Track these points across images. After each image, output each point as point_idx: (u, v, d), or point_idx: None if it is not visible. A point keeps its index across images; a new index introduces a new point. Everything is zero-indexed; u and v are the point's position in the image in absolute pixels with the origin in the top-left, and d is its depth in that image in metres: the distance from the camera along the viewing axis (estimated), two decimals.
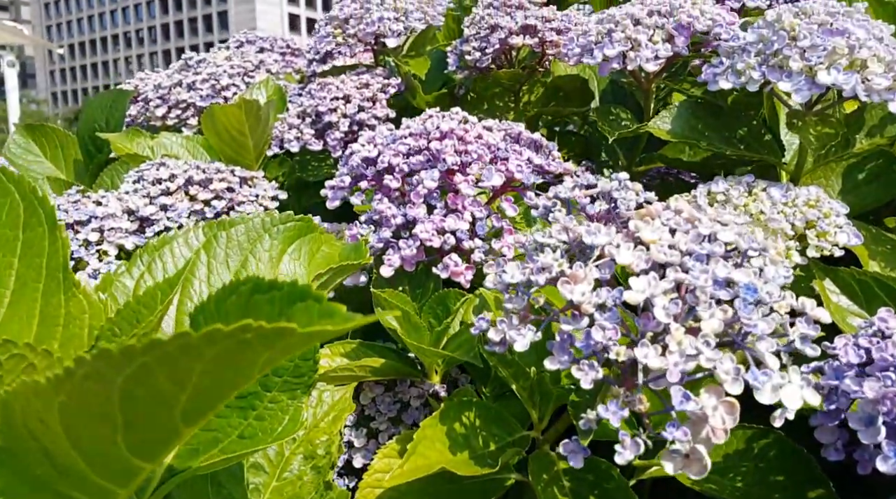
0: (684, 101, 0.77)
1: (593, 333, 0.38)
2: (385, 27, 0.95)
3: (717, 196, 0.67)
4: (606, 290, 0.39)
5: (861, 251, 0.67)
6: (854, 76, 0.61)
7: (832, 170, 0.83)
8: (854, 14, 0.65)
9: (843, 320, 0.62)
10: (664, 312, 0.37)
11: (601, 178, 0.50)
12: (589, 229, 0.42)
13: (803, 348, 0.41)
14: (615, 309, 0.39)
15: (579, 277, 0.40)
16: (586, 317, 0.39)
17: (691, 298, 0.39)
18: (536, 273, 0.41)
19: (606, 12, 0.78)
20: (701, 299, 0.39)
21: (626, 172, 0.96)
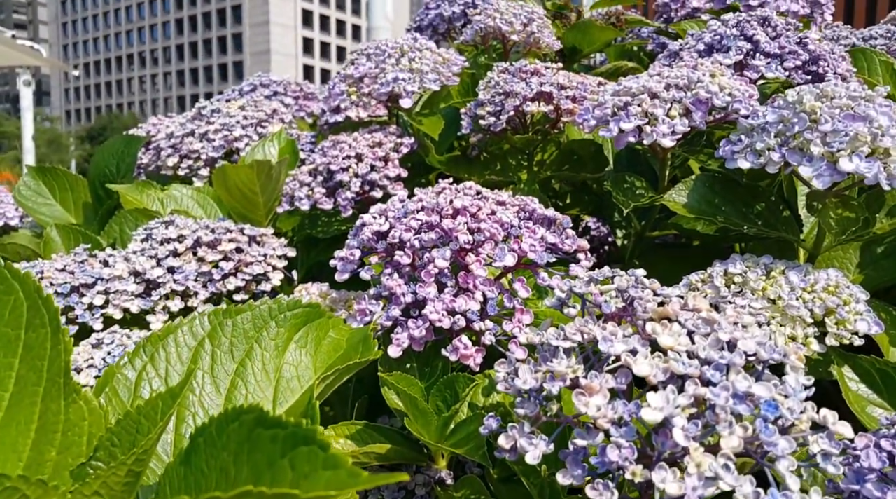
0: (701, 174, 0.76)
1: (608, 451, 0.36)
2: (400, 88, 0.95)
3: (734, 277, 0.66)
4: (623, 403, 0.38)
5: (882, 339, 0.65)
6: (877, 164, 0.59)
7: (851, 243, 0.82)
8: (876, 99, 0.64)
9: (862, 410, 0.60)
10: (683, 434, 0.36)
11: (618, 273, 0.49)
12: (605, 335, 0.41)
13: (825, 467, 0.39)
14: (632, 425, 0.37)
15: (594, 388, 0.38)
16: (601, 432, 0.37)
17: (710, 416, 0.37)
18: (550, 381, 0.40)
19: (623, 83, 0.78)
20: (721, 417, 0.37)
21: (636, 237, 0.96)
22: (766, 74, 0.85)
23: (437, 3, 1.54)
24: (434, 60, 1.00)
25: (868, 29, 1.09)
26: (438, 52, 1.02)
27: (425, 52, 1.01)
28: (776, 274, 0.65)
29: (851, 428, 0.41)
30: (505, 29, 1.09)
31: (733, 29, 0.89)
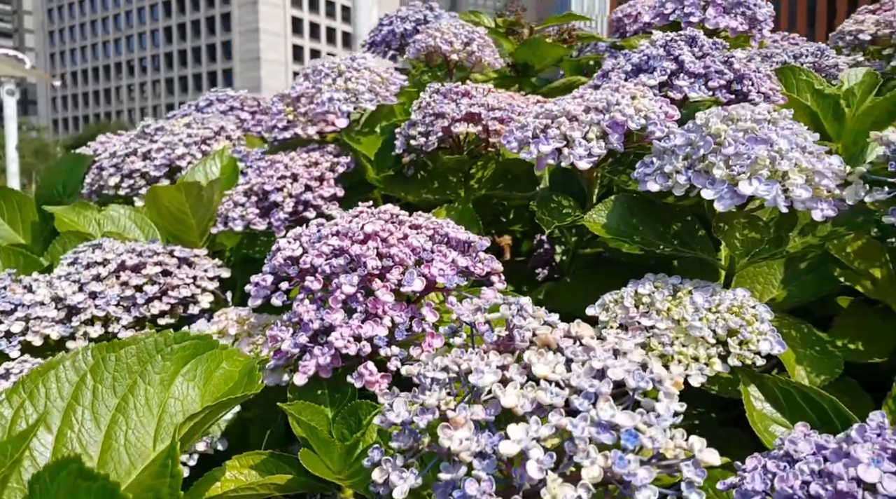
0: (620, 195, 0.77)
1: (467, 485, 0.37)
2: (335, 107, 0.96)
3: (642, 298, 0.67)
4: (488, 435, 0.39)
5: (787, 357, 0.67)
6: (775, 186, 0.61)
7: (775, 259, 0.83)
8: (780, 121, 0.66)
9: (765, 429, 0.61)
10: (536, 467, 0.36)
11: (507, 300, 0.49)
12: (477, 366, 0.41)
13: (689, 495, 0.40)
14: (493, 457, 0.38)
15: (459, 421, 0.39)
16: (464, 465, 0.38)
17: (569, 446, 0.38)
18: (420, 414, 0.40)
19: (546, 106, 0.79)
20: (580, 447, 0.38)
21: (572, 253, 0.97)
22: (690, 94, 0.87)
23: (391, 20, 1.55)
24: (371, 80, 1.00)
25: (800, 46, 1.11)
26: (377, 72, 1.02)
27: (363, 72, 1.01)
28: (682, 294, 0.66)
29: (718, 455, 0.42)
30: (445, 48, 1.10)
31: (660, 49, 0.91)
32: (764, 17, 1.25)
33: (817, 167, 0.61)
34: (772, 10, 1.29)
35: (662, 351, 0.62)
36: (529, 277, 1.17)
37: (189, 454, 0.65)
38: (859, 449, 0.46)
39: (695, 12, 1.23)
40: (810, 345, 0.69)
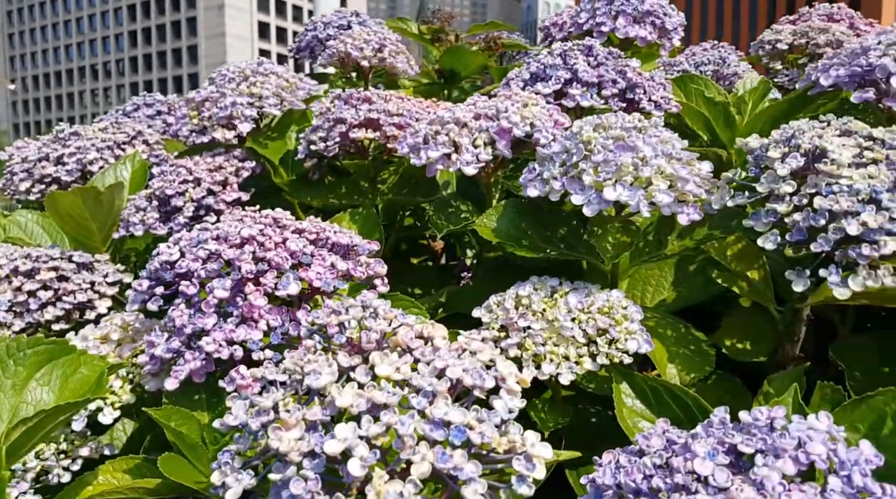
0: (510, 200, 0.79)
1: (292, 485, 0.38)
2: (238, 112, 0.96)
3: (522, 300, 0.69)
4: (319, 436, 0.39)
5: (660, 355, 0.69)
6: (638, 192, 0.63)
7: (665, 261, 0.86)
8: (648, 129, 0.68)
9: (633, 426, 0.64)
10: (359, 465, 0.37)
11: (363, 302, 0.50)
12: (314, 368, 0.42)
13: (519, 488, 0.42)
14: (323, 457, 0.39)
15: (289, 423, 0.39)
16: (293, 465, 0.39)
17: (398, 444, 0.39)
18: (255, 417, 0.41)
19: (438, 113, 0.81)
20: (407, 444, 0.39)
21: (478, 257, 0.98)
22: (582, 103, 0.90)
23: (314, 26, 1.55)
24: (278, 85, 1.00)
25: (702, 55, 1.16)
26: (285, 77, 1.03)
27: (270, 76, 1.02)
28: (559, 296, 0.68)
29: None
30: (355, 54, 1.11)
31: (557, 58, 0.93)
32: (673, 27, 1.29)
33: (680, 173, 0.64)
34: (682, 19, 1.33)
35: (536, 351, 0.64)
36: (456, 280, 1.19)
37: (72, 460, 0.64)
38: (697, 444, 0.48)
39: (606, 22, 1.27)
40: (685, 344, 0.72)
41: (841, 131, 0.64)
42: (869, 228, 0.55)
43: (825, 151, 0.60)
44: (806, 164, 0.61)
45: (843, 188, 0.57)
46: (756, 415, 0.49)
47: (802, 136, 0.62)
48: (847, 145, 0.61)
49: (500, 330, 0.68)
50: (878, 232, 0.55)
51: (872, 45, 0.73)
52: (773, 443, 0.46)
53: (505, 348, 0.66)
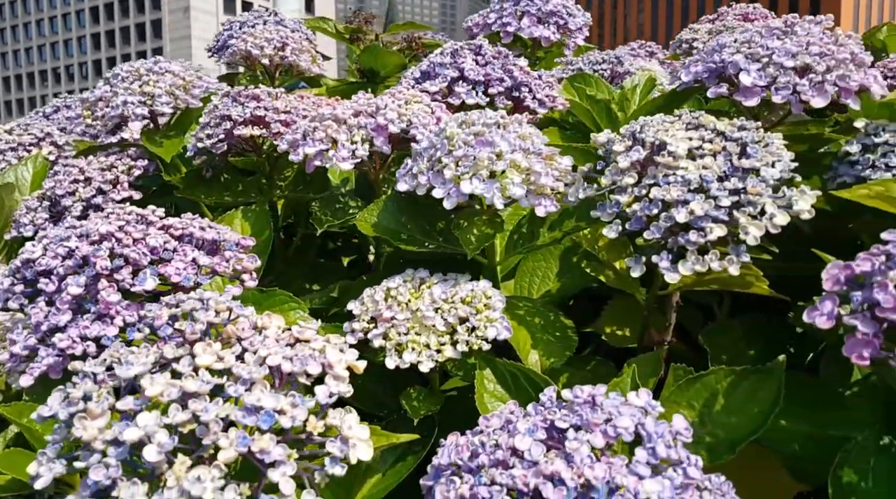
0: (391, 194, 0.81)
1: (91, 472, 0.39)
2: (129, 111, 0.95)
3: (391, 292, 0.70)
4: (126, 424, 0.40)
5: (524, 342, 0.72)
6: (494, 185, 0.66)
7: (551, 253, 0.89)
8: (509, 126, 0.71)
9: (490, 409, 0.66)
10: (155, 451, 0.39)
11: (192, 297, 0.51)
12: (127, 358, 0.43)
13: (332, 470, 0.43)
14: (127, 445, 0.40)
15: (95, 412, 0.40)
16: (97, 453, 0.40)
17: (201, 430, 0.40)
18: (65, 407, 0.42)
19: (320, 110, 0.82)
20: (212, 430, 0.40)
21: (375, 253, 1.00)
22: (468, 100, 0.92)
23: (230, 25, 1.55)
24: (173, 84, 1.00)
25: (599, 54, 1.19)
26: (181, 76, 1.03)
27: (165, 75, 1.02)
28: (425, 287, 0.70)
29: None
30: (255, 53, 1.11)
31: (447, 57, 0.96)
32: (577, 27, 1.32)
33: (535, 167, 0.67)
34: (587, 20, 1.37)
35: (398, 340, 0.66)
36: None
37: None
38: (521, 421, 0.51)
39: (511, 22, 1.30)
40: (551, 331, 0.74)
41: (689, 125, 0.68)
42: (696, 216, 0.58)
43: (664, 144, 0.63)
44: (647, 156, 0.64)
45: (677, 179, 0.60)
46: (577, 393, 0.52)
47: (647, 130, 0.66)
48: (686, 138, 0.64)
49: (370, 322, 0.70)
50: (705, 219, 0.58)
51: (728, 42, 0.77)
52: (586, 418, 0.49)
53: (371, 339, 0.68)
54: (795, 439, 0.61)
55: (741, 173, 0.61)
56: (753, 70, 0.71)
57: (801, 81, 0.69)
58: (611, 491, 0.45)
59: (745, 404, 0.58)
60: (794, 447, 0.61)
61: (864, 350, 0.46)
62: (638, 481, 0.45)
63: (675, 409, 0.61)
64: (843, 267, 0.51)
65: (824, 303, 0.50)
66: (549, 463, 0.46)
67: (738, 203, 0.59)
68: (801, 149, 0.79)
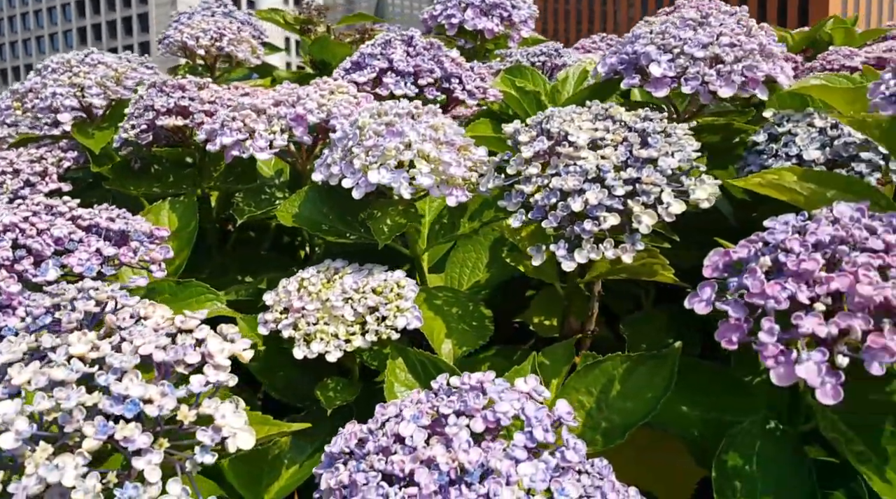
0: (313, 184, 0.81)
1: None
2: (59, 102, 0.95)
3: (304, 282, 0.71)
4: None
5: (438, 332, 0.72)
6: (402, 175, 0.66)
7: (481, 244, 0.90)
8: (422, 116, 0.71)
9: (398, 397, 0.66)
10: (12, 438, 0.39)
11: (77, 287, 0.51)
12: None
13: (201, 457, 0.43)
14: None
15: None
16: None
17: (63, 418, 0.40)
18: None
19: (240, 99, 0.82)
20: (75, 418, 0.40)
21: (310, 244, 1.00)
22: (396, 91, 0.92)
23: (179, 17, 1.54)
24: (104, 75, 1.00)
25: (538, 47, 1.20)
26: (113, 68, 1.02)
27: (98, 67, 1.01)
28: (338, 277, 0.70)
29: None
30: (190, 44, 1.10)
31: (378, 48, 0.96)
32: (521, 19, 1.33)
33: (444, 157, 0.67)
34: (532, 12, 1.37)
35: (307, 330, 0.66)
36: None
37: None
38: (407, 408, 0.51)
39: (455, 14, 1.30)
40: (468, 320, 0.75)
41: (597, 116, 0.68)
42: (591, 205, 0.59)
43: (567, 134, 0.64)
44: (551, 147, 0.64)
45: (575, 168, 0.61)
46: (465, 379, 0.53)
47: (553, 121, 0.66)
48: (590, 129, 0.65)
49: (283, 312, 0.70)
50: (600, 208, 0.59)
51: (643, 33, 0.77)
52: (469, 404, 0.49)
53: (280, 329, 0.68)
54: (695, 425, 0.62)
55: (640, 163, 0.61)
56: (664, 61, 0.72)
57: (710, 72, 0.70)
58: (484, 474, 0.46)
59: (640, 389, 0.59)
60: (694, 433, 0.62)
61: (733, 335, 0.47)
62: (513, 465, 0.46)
63: (575, 395, 0.62)
64: (723, 254, 0.52)
65: (704, 289, 0.51)
66: (427, 449, 0.47)
67: (634, 192, 0.60)
68: (714, 139, 0.80)
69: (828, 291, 0.43)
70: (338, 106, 0.80)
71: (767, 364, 0.44)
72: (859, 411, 0.53)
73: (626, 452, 0.75)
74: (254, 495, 0.68)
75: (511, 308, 0.94)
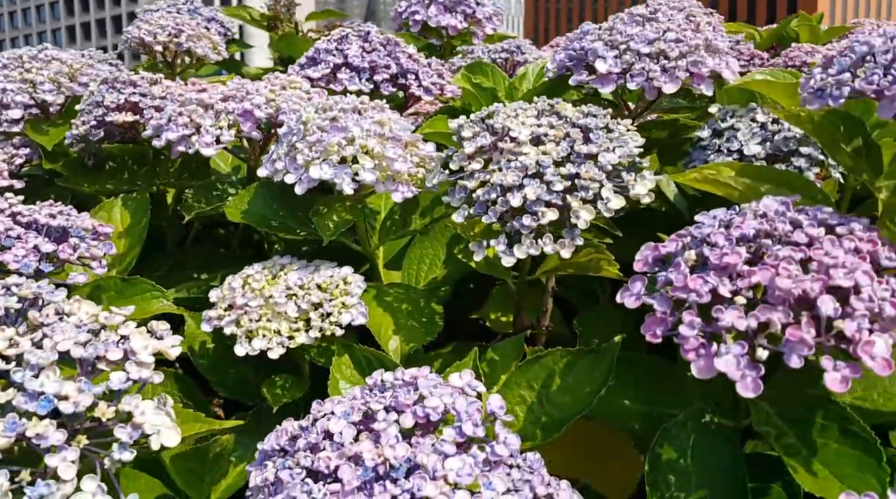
0: (264, 181, 0.80)
1: None
2: (9, 98, 0.93)
3: (248, 279, 0.70)
4: None
5: (386, 326, 0.72)
6: (344, 171, 0.66)
7: (438, 240, 0.89)
8: (368, 111, 0.71)
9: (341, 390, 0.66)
10: None
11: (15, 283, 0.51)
12: None
13: (119, 455, 0.43)
14: None
15: None
16: None
17: None
18: None
19: (187, 95, 0.81)
20: None
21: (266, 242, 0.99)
22: (350, 87, 0.92)
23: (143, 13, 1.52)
24: (58, 71, 0.98)
25: (500, 44, 1.20)
26: (68, 64, 1.01)
27: (52, 63, 0.99)
28: (283, 273, 0.70)
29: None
30: (148, 40, 1.09)
31: (333, 44, 0.95)
32: (485, 16, 1.33)
33: (388, 153, 0.67)
34: (496, 9, 1.37)
35: (249, 327, 0.66)
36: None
37: None
38: (337, 405, 0.51)
39: (419, 10, 1.29)
40: (417, 317, 0.75)
41: (543, 112, 0.68)
42: (530, 201, 0.59)
43: (509, 130, 0.63)
44: (494, 142, 0.64)
45: (517, 164, 0.61)
46: (398, 375, 0.52)
47: (496, 116, 0.66)
48: (534, 125, 0.65)
49: (227, 309, 0.69)
50: (538, 203, 0.59)
51: (592, 29, 0.78)
52: (400, 399, 0.49)
53: (222, 326, 0.67)
54: (635, 419, 0.62)
55: (581, 159, 0.61)
56: (610, 57, 0.72)
57: (654, 68, 0.71)
58: (412, 470, 0.46)
59: (579, 384, 0.59)
60: (635, 427, 0.62)
61: (657, 328, 0.47)
62: (440, 459, 0.46)
63: (517, 390, 0.62)
64: (653, 248, 0.52)
65: (635, 283, 0.51)
66: (353, 445, 0.46)
67: (573, 188, 0.60)
68: (662, 136, 0.80)
69: (749, 284, 0.44)
70: (287, 101, 0.79)
71: (688, 357, 0.44)
72: (796, 405, 0.54)
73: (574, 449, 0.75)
74: (198, 493, 0.67)
75: (477, 305, 0.94)
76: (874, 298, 0.41)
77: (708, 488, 0.53)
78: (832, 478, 0.47)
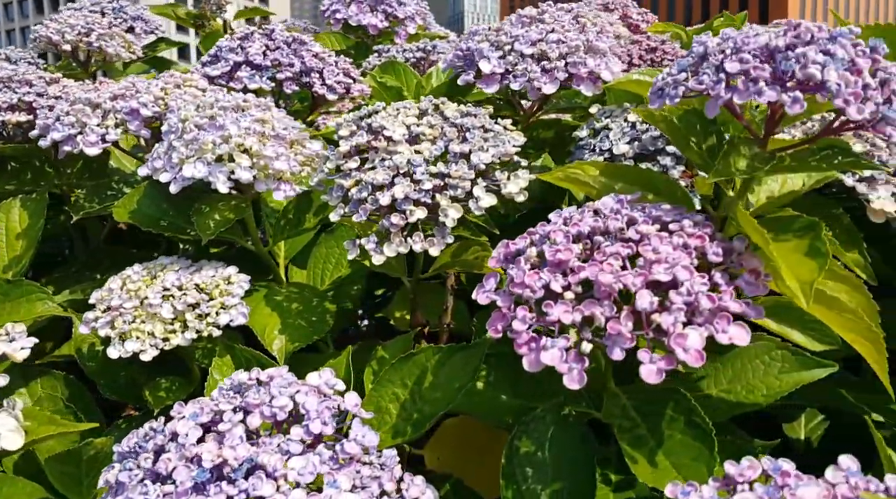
0: (152, 181, 0.79)
1: None
2: None
3: (126, 280, 0.69)
4: None
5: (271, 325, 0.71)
6: (219, 169, 0.65)
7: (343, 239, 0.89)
8: (250, 109, 0.70)
9: None
10: None
11: None
12: None
13: None
14: None
15: None
16: None
17: None
18: None
19: (77, 94, 0.80)
20: None
21: None
22: (250, 85, 0.91)
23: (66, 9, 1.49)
24: None
25: (415, 44, 1.20)
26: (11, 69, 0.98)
27: None
28: (161, 274, 0.69)
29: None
30: (56, 39, 1.07)
31: (237, 42, 0.94)
32: (406, 16, 1.33)
33: (266, 152, 0.66)
34: (419, 8, 1.38)
35: (122, 329, 0.65)
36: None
37: None
38: (187, 407, 0.51)
39: (340, 9, 1.29)
40: (307, 316, 0.75)
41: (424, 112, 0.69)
42: (399, 199, 0.59)
43: (384, 129, 0.64)
44: (369, 141, 0.64)
45: (389, 163, 0.61)
46: (253, 374, 0.52)
47: (375, 116, 0.66)
48: (413, 124, 0.65)
49: (105, 310, 0.69)
50: (407, 202, 0.59)
51: (480, 30, 0.78)
52: (248, 400, 0.49)
53: (97, 328, 0.66)
54: (506, 413, 0.63)
55: (455, 158, 0.62)
56: (494, 58, 0.73)
57: (535, 68, 0.72)
58: (253, 469, 0.46)
59: (450, 380, 0.60)
60: (508, 421, 0.63)
61: (499, 324, 0.47)
62: (282, 459, 0.46)
63: (390, 387, 0.62)
64: (505, 246, 0.53)
65: (489, 280, 0.52)
66: (195, 446, 0.46)
67: (444, 186, 0.60)
68: (549, 135, 0.82)
69: (578, 280, 0.45)
70: (177, 100, 0.79)
71: (520, 352, 0.45)
72: (652, 397, 0.55)
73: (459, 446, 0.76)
74: (77, 495, 0.66)
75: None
76: (692, 291, 0.42)
77: (565, 480, 0.54)
78: (670, 468, 0.48)
